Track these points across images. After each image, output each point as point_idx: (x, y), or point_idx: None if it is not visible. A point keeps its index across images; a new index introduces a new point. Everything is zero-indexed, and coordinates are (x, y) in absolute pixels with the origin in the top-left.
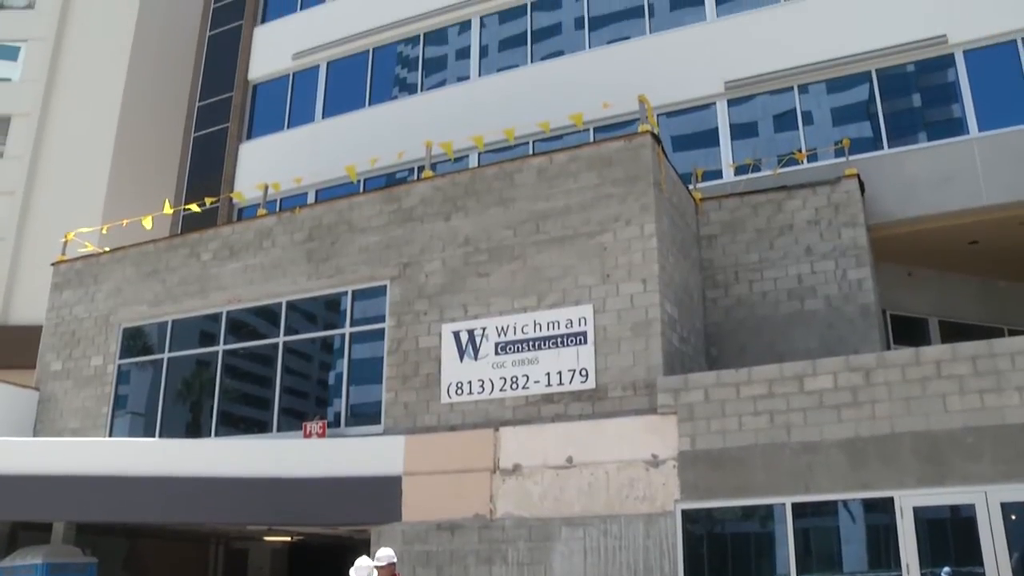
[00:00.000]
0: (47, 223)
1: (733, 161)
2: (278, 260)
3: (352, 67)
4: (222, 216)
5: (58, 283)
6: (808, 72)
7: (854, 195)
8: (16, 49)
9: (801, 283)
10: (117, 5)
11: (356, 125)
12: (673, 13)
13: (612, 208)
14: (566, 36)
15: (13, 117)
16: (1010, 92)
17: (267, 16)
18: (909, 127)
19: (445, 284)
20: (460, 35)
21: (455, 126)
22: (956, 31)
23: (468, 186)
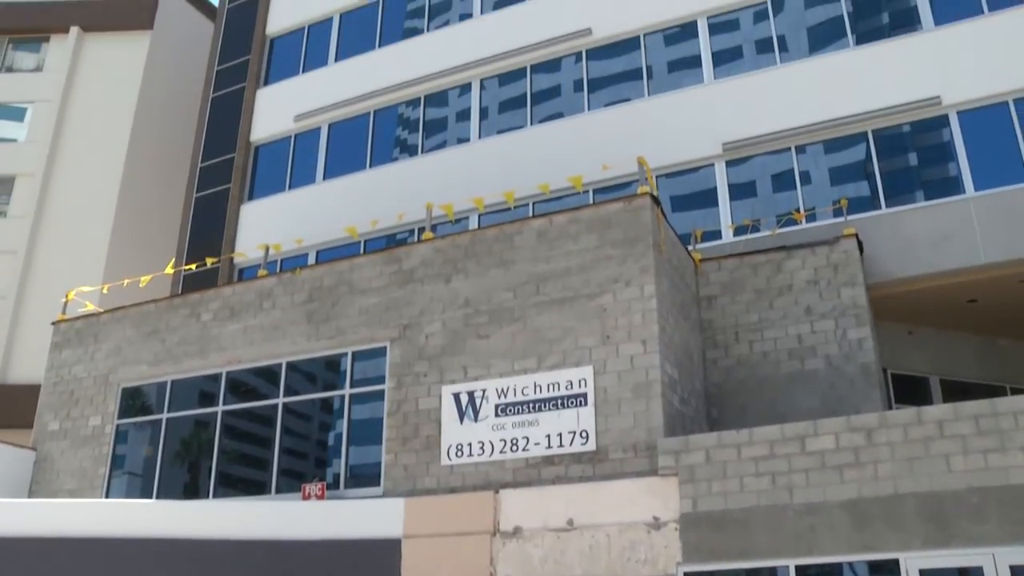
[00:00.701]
0: (48, 282)
1: (732, 222)
2: (278, 321)
3: (353, 129)
4: (223, 277)
5: (58, 342)
6: (805, 133)
7: (853, 255)
8: (23, 110)
9: (801, 343)
10: (122, 68)
11: (357, 186)
12: (671, 75)
13: (612, 269)
14: (565, 98)
15: (17, 177)
16: (1004, 152)
17: (269, 79)
18: (906, 186)
19: (445, 346)
20: (460, 97)
21: (455, 187)
22: (949, 92)
23: (468, 248)
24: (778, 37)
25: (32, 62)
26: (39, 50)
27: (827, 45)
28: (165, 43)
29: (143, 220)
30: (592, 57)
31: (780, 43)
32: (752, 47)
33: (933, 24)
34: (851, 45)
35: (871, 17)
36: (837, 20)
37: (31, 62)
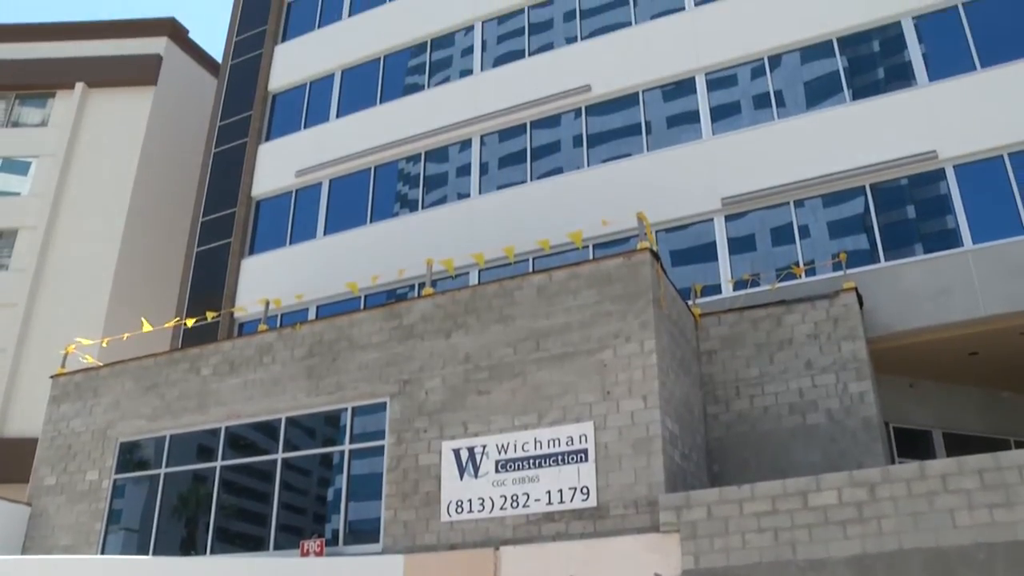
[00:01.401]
0: (48, 336)
1: (732, 276)
2: (278, 376)
3: (354, 184)
4: (223, 331)
5: (56, 396)
6: (803, 187)
7: (853, 308)
8: (27, 164)
9: (802, 397)
10: (126, 123)
11: (358, 242)
12: (670, 131)
13: (612, 325)
14: (565, 153)
15: (20, 230)
16: (1001, 205)
17: (271, 134)
18: (905, 239)
19: (445, 401)
20: (461, 152)
21: (456, 243)
22: (945, 147)
23: (468, 304)
24: (775, 92)
25: (38, 117)
26: (45, 105)
27: (824, 100)
28: (168, 98)
29: (144, 274)
30: (591, 113)
31: (777, 98)
32: (750, 102)
33: (927, 80)
34: (847, 100)
35: (866, 73)
36: (833, 75)
37: (37, 117)
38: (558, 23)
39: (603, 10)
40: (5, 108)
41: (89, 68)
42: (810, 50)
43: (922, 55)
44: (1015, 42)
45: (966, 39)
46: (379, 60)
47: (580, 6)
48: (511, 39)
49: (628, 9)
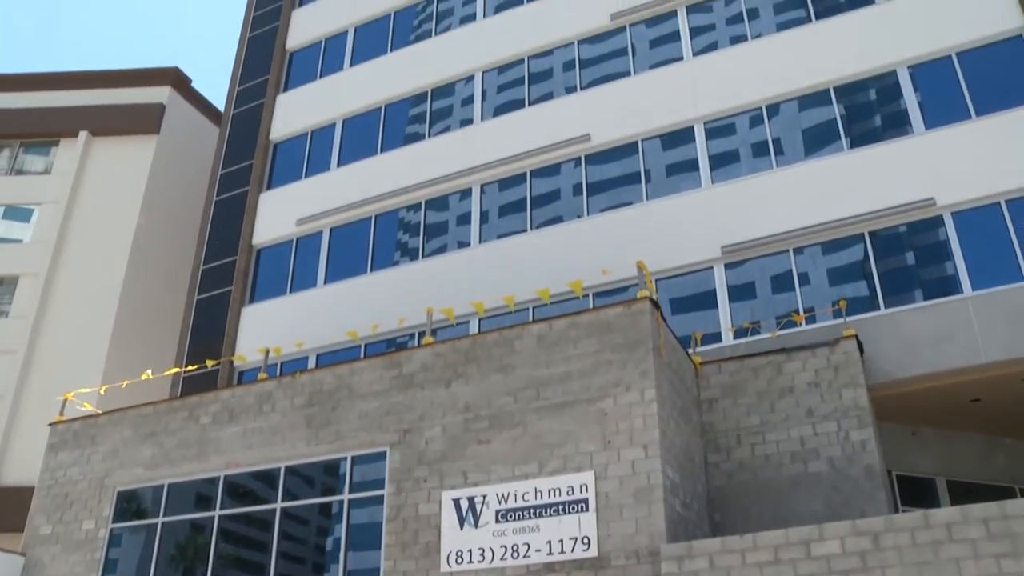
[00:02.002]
0: (47, 383)
1: (732, 324)
2: (278, 425)
3: (354, 233)
4: (222, 379)
5: (54, 444)
6: (802, 235)
7: (853, 356)
8: (30, 212)
9: (804, 445)
10: (128, 171)
11: (358, 290)
12: (670, 179)
13: (612, 374)
14: (565, 202)
15: (21, 277)
16: (999, 252)
17: (272, 183)
18: (904, 286)
19: (445, 451)
20: (461, 201)
21: (456, 292)
22: (943, 194)
23: (469, 352)
24: (774, 140)
25: (41, 165)
26: (48, 153)
27: (822, 148)
28: (171, 147)
29: (144, 321)
30: (591, 162)
31: (776, 146)
32: (748, 151)
33: (924, 128)
34: (845, 148)
35: (863, 121)
36: (830, 124)
37: (40, 165)
38: (557, 73)
39: (602, 60)
40: (9, 156)
41: (93, 117)
42: (807, 98)
43: (918, 103)
44: (1008, 91)
45: (960, 88)
46: (380, 110)
47: (579, 56)
48: (511, 88)
49: (627, 59)
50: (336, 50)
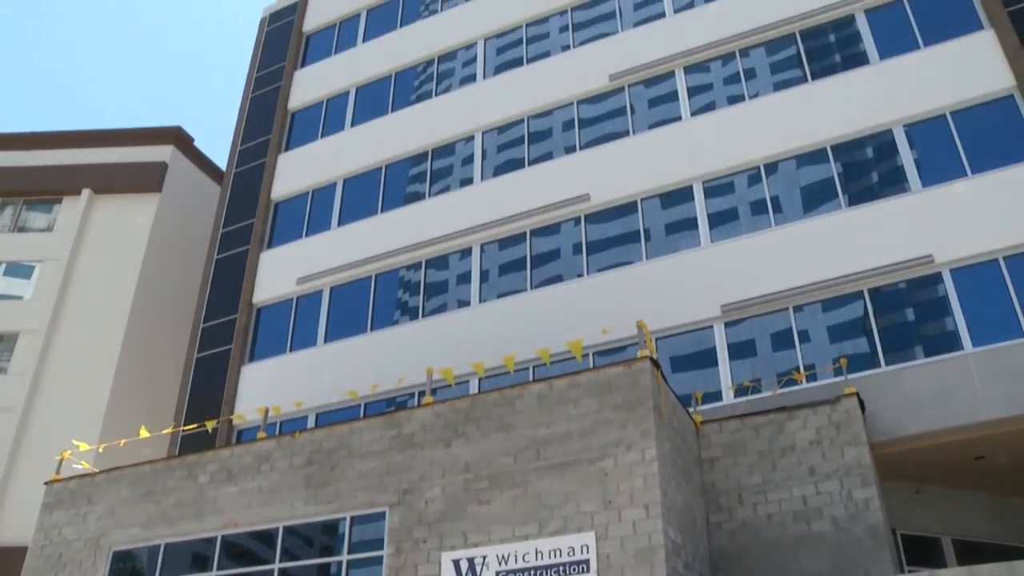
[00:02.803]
0: (44, 441)
1: (732, 383)
2: (276, 485)
3: (355, 292)
4: (221, 438)
5: (49, 503)
6: (802, 293)
7: (854, 414)
8: (31, 269)
9: (806, 504)
10: (130, 229)
11: (358, 349)
12: (669, 238)
13: (613, 434)
14: (564, 261)
15: (21, 334)
16: (998, 308)
17: (273, 241)
18: (905, 343)
19: (445, 511)
20: (461, 260)
21: (456, 351)
22: (941, 251)
23: (469, 412)
24: (772, 198)
25: (43, 222)
26: (51, 211)
27: (820, 206)
28: (172, 205)
29: (143, 379)
30: (590, 221)
31: (774, 204)
32: (747, 209)
33: (921, 185)
34: (843, 206)
35: (861, 178)
36: (828, 182)
37: (42, 222)
38: (557, 132)
39: (601, 120)
40: (12, 213)
41: (96, 175)
42: (805, 157)
43: (914, 161)
44: (1002, 149)
45: (956, 146)
46: (380, 169)
47: (578, 116)
48: (511, 148)
49: (626, 119)
50: (338, 110)
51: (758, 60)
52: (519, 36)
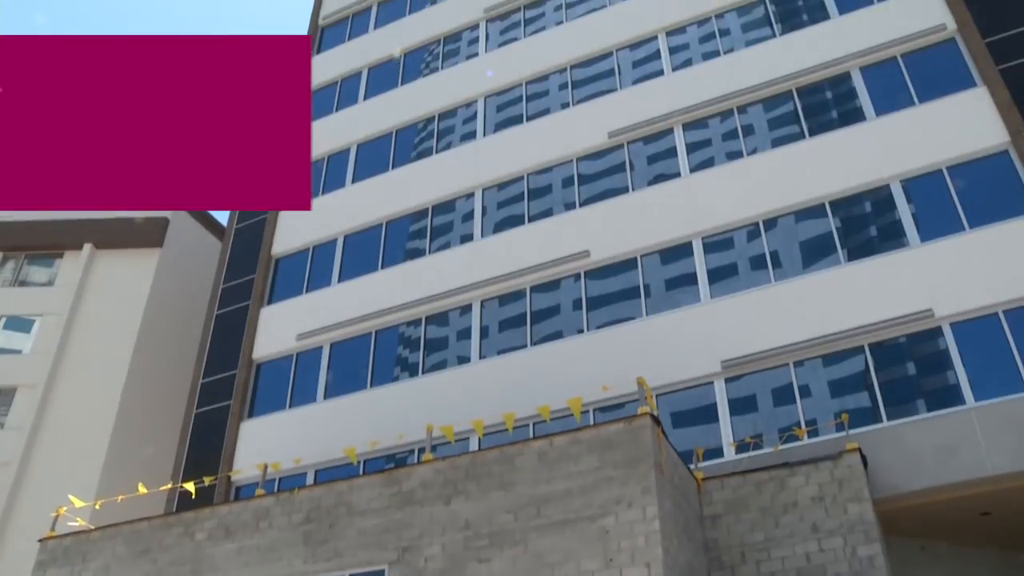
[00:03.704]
0: (40, 496)
1: (733, 439)
2: (274, 542)
3: (355, 348)
4: (219, 495)
5: (43, 560)
6: (802, 349)
7: (857, 469)
8: (30, 323)
9: (810, 562)
10: (131, 284)
11: (357, 406)
12: (669, 294)
13: (614, 491)
14: (565, 317)
15: (19, 388)
16: (1000, 362)
17: (274, 297)
18: (906, 398)
19: (445, 569)
20: (461, 317)
21: (456, 408)
22: (941, 305)
23: (469, 470)
24: (771, 254)
25: (45, 276)
26: (52, 265)
27: (819, 261)
28: (173, 260)
29: (141, 435)
30: (591, 277)
31: (773, 259)
32: (747, 264)
33: (919, 240)
34: (842, 261)
35: (859, 233)
36: (827, 237)
37: (44, 276)
38: (556, 189)
39: (600, 176)
40: (14, 268)
41: (97, 230)
42: (803, 212)
43: (912, 216)
44: (999, 204)
45: (953, 201)
46: (381, 226)
47: (578, 172)
48: (511, 204)
49: (625, 175)
50: (339, 167)
51: (756, 117)
52: (519, 94)
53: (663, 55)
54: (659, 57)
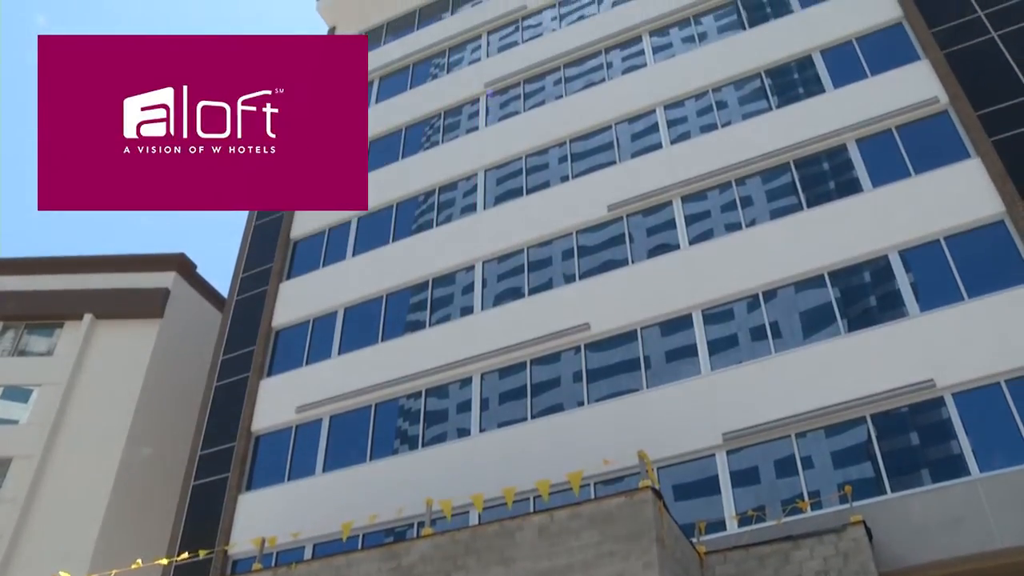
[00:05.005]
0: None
1: (736, 511)
2: None
3: (354, 421)
4: (215, 568)
5: None
6: (804, 420)
7: (862, 542)
8: (28, 393)
9: None
10: (130, 354)
11: (357, 479)
12: (669, 365)
13: (615, 565)
14: (565, 389)
15: (14, 460)
16: (1004, 432)
17: (273, 369)
18: (910, 469)
19: None
20: (461, 389)
21: (456, 481)
22: (942, 376)
23: (469, 544)
24: (771, 324)
25: (44, 346)
26: (52, 335)
27: (819, 331)
28: (173, 331)
29: (138, 507)
30: (591, 350)
31: (774, 330)
32: (747, 335)
33: (919, 310)
34: (842, 331)
35: (859, 303)
36: (826, 307)
37: (43, 346)
38: (556, 262)
39: (600, 249)
40: (14, 337)
41: (98, 300)
42: (803, 283)
43: (911, 285)
44: (997, 273)
45: (951, 270)
46: (381, 298)
47: (577, 245)
48: (511, 277)
49: (624, 248)
50: (339, 239)
51: (754, 188)
52: (519, 167)
53: (661, 128)
54: (657, 130)
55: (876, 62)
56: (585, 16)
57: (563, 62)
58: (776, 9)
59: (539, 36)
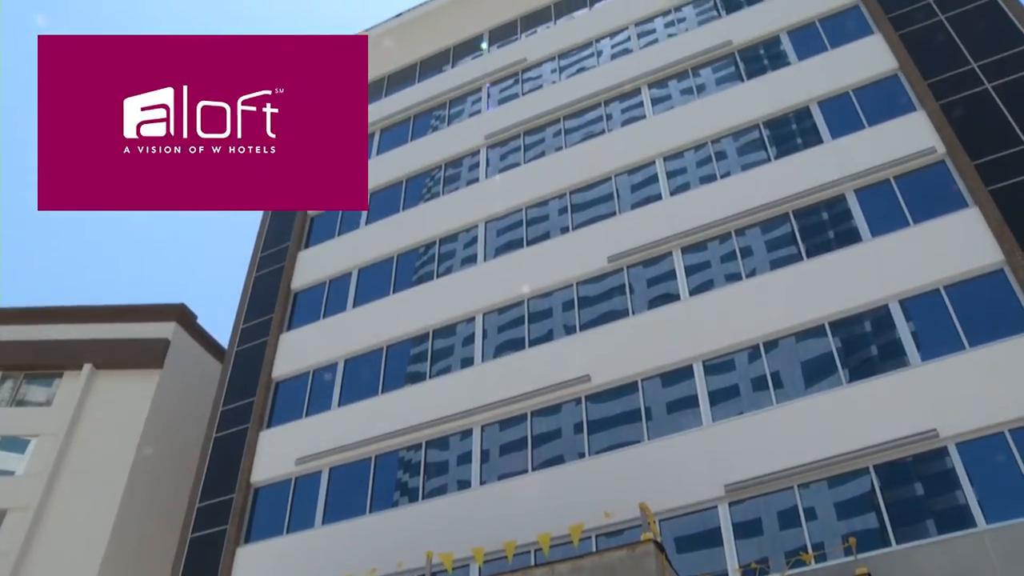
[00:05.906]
0: None
1: (739, 564)
2: None
3: (354, 473)
4: None
5: None
6: (806, 471)
7: None
8: (25, 443)
9: None
10: (129, 405)
11: (356, 532)
12: (671, 416)
13: None
14: (566, 441)
15: (9, 512)
16: (1009, 483)
17: (273, 421)
18: (915, 519)
19: None
20: (462, 441)
21: (456, 534)
22: (945, 425)
23: None
24: (772, 375)
25: (43, 396)
26: (51, 384)
27: (821, 381)
28: (173, 382)
29: (134, 560)
30: (591, 401)
31: (775, 381)
32: (748, 386)
33: (920, 359)
34: (844, 382)
35: (860, 353)
36: (828, 357)
37: (42, 396)
38: (557, 313)
39: (600, 300)
40: (12, 387)
41: (98, 350)
42: (803, 333)
43: (912, 334)
44: (997, 322)
45: (952, 319)
46: (381, 350)
47: (578, 296)
48: (511, 329)
49: (625, 299)
50: (340, 291)
51: (754, 239)
52: (519, 219)
53: (661, 180)
54: (657, 181)
55: (873, 113)
56: (585, 68)
57: (563, 114)
58: (773, 61)
59: (539, 88)
